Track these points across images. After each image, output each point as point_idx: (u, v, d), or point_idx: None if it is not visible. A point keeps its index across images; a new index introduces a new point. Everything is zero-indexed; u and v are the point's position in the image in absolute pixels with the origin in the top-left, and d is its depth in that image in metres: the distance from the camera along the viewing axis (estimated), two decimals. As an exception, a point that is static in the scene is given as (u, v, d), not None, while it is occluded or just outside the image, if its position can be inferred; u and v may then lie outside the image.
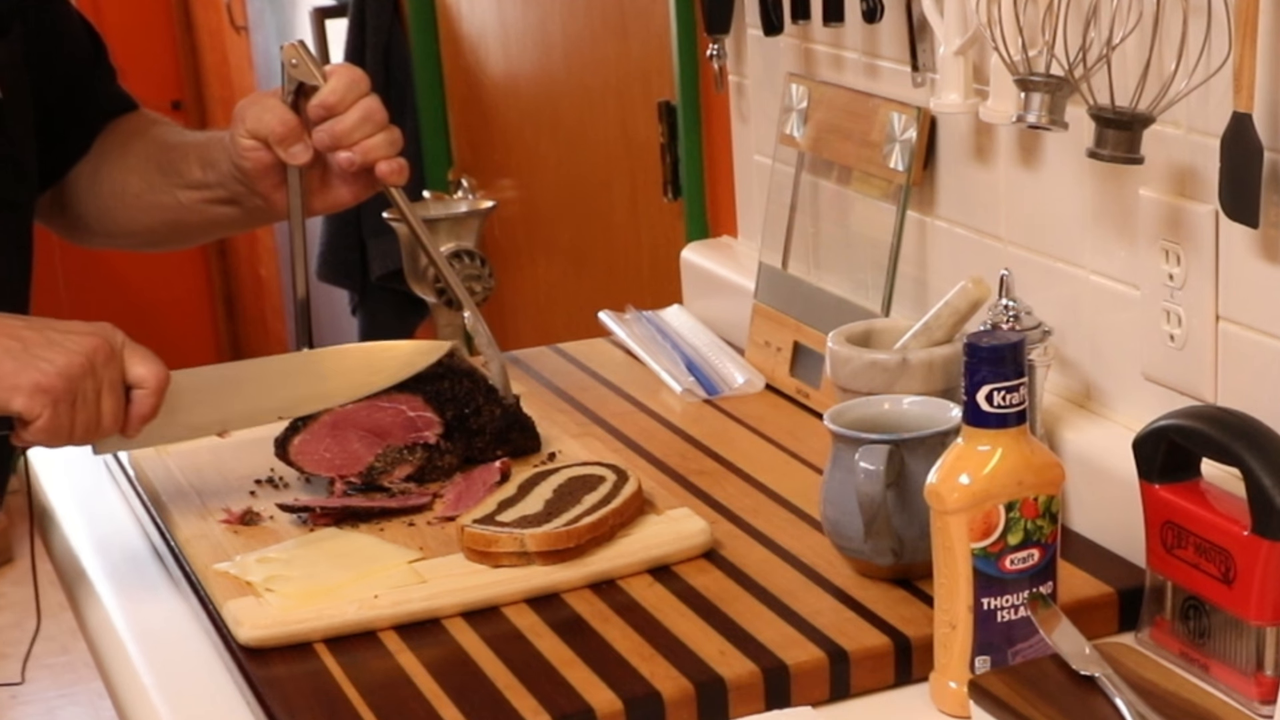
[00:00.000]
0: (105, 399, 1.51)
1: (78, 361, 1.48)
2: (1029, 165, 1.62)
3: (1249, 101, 1.29)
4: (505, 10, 2.94)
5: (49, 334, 1.50)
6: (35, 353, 1.48)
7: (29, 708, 3.93)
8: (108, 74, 1.87)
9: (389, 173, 1.68)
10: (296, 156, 1.68)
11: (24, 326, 1.50)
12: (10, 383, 1.47)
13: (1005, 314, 1.54)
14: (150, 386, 1.53)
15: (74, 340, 1.49)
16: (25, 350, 1.48)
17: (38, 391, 1.47)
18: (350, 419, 1.66)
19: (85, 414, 1.50)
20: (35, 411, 1.47)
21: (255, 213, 1.77)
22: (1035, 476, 1.29)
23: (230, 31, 4.60)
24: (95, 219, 1.83)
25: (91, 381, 1.49)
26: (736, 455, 1.75)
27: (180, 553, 1.60)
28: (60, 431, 1.49)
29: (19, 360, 1.47)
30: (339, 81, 1.67)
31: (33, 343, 1.49)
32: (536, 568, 1.48)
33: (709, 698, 1.33)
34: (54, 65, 1.78)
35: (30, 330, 1.50)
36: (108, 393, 1.51)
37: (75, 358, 1.48)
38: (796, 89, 1.93)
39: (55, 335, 1.50)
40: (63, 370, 1.48)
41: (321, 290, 3.51)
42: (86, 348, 1.49)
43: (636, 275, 2.56)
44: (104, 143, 1.82)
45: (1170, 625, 1.37)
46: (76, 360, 1.48)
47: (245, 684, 1.40)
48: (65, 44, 1.81)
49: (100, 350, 1.50)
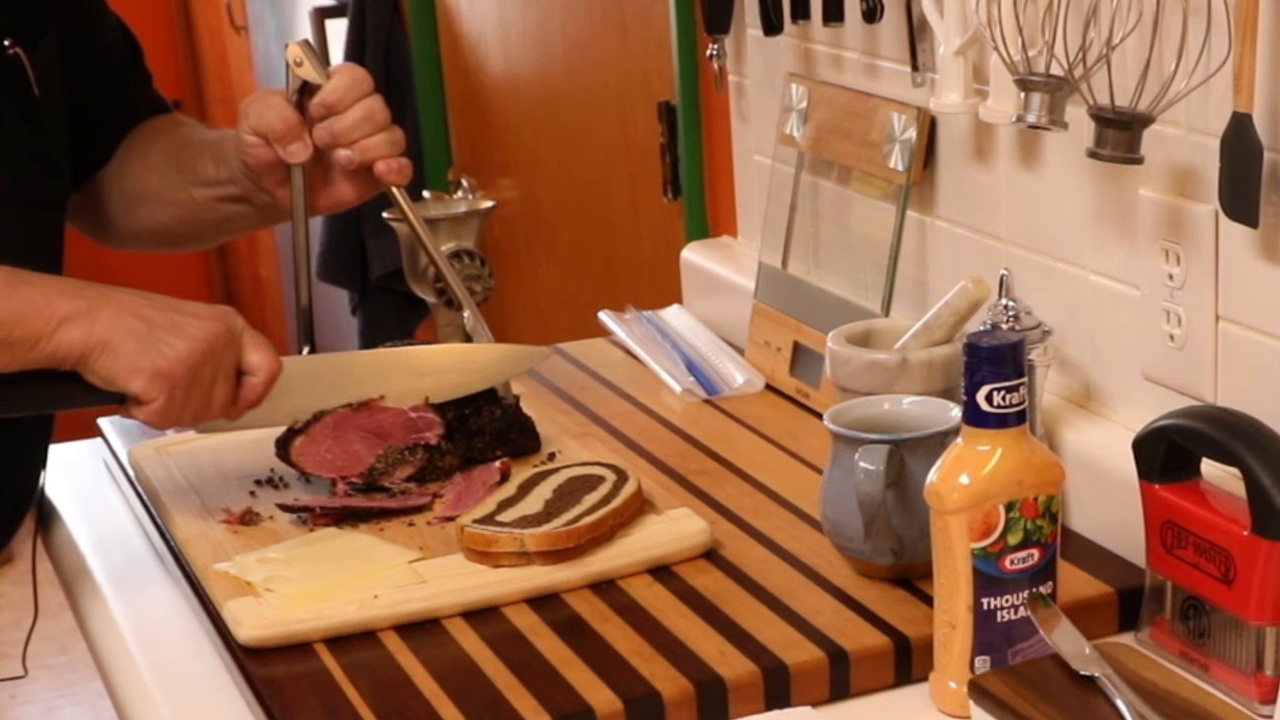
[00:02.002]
0: (219, 385, 1.53)
1: (199, 349, 1.50)
2: (1029, 165, 1.62)
3: (1249, 101, 1.29)
4: (505, 10, 2.94)
5: (173, 316, 1.52)
6: (159, 335, 1.50)
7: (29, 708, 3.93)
8: (143, 77, 1.88)
9: (388, 172, 1.69)
10: (295, 155, 1.68)
11: (149, 306, 1.52)
12: (132, 364, 1.49)
13: (1005, 314, 1.54)
14: (263, 375, 1.55)
15: (196, 326, 1.51)
16: (150, 332, 1.50)
17: (157, 376, 1.49)
18: (351, 420, 1.66)
19: (198, 398, 1.52)
20: (152, 395, 1.50)
21: (266, 210, 1.77)
22: (1035, 476, 1.29)
23: (230, 31, 4.60)
24: (119, 218, 1.84)
25: (209, 368, 1.52)
26: (736, 455, 1.75)
27: (180, 553, 1.60)
28: (171, 415, 1.52)
29: (142, 342, 1.49)
30: (341, 80, 1.68)
31: (157, 324, 1.50)
32: (536, 568, 1.48)
33: (709, 698, 1.33)
34: (89, 67, 1.79)
35: (155, 311, 1.51)
36: (222, 379, 1.53)
37: (197, 344, 1.51)
38: (796, 89, 1.93)
39: (179, 319, 1.52)
40: (184, 357, 1.50)
41: (321, 290, 3.51)
42: (209, 334, 1.51)
43: (636, 275, 2.56)
44: (130, 143, 1.83)
45: (1170, 625, 1.37)
46: (198, 347, 1.50)
47: (245, 684, 1.40)
48: (101, 46, 1.82)
49: (221, 337, 1.52)
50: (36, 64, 1.67)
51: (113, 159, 1.83)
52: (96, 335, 1.49)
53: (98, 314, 1.49)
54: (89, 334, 1.49)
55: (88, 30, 1.79)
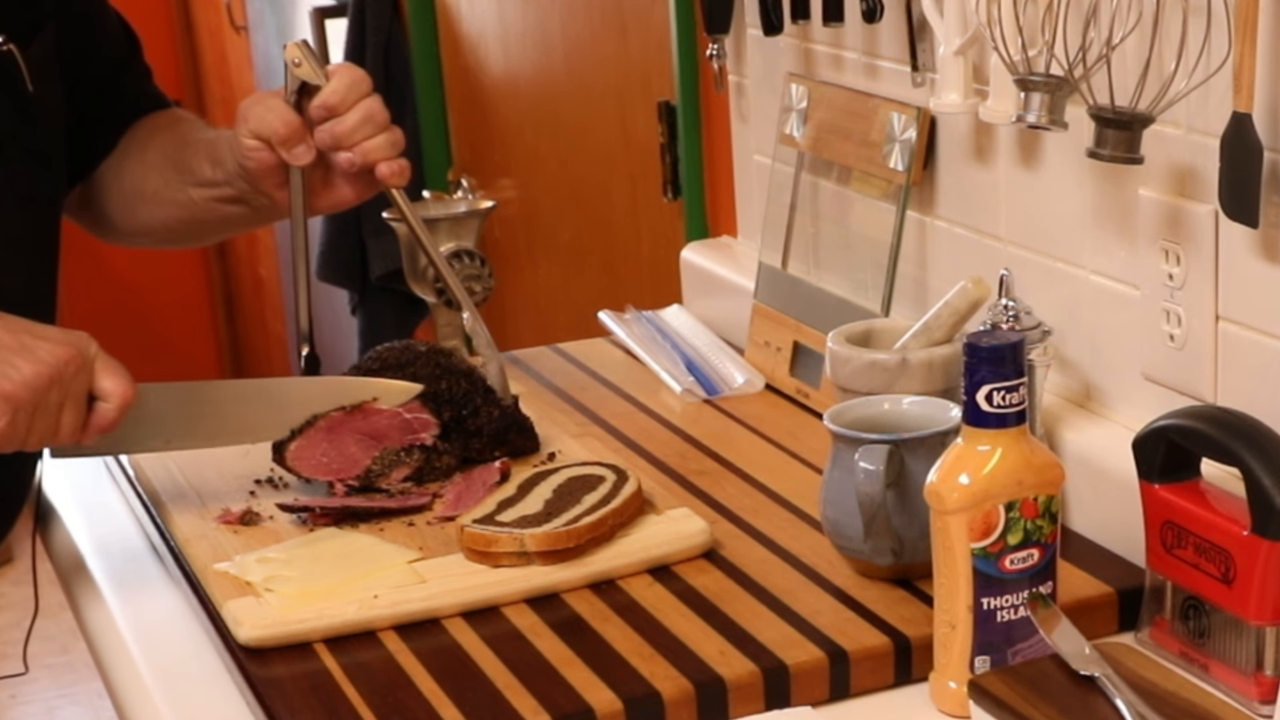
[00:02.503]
0: (67, 411, 1.50)
1: (45, 373, 1.48)
2: (1029, 165, 1.62)
3: (1249, 101, 1.29)
4: (505, 10, 2.94)
5: (23, 338, 1.49)
6: (5, 358, 1.47)
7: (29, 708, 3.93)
8: (142, 73, 1.88)
9: (389, 174, 1.68)
10: (299, 157, 1.68)
11: (1, 329, 1.49)
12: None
13: (1005, 314, 1.54)
14: (115, 401, 1.53)
15: (46, 350, 1.49)
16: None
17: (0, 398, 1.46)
18: (346, 423, 1.66)
19: (43, 424, 1.49)
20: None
21: (263, 211, 1.77)
22: (1035, 476, 1.29)
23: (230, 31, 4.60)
24: (118, 215, 1.84)
25: (56, 393, 1.49)
26: (736, 455, 1.75)
27: (180, 553, 1.60)
28: (14, 439, 1.49)
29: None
30: (340, 82, 1.67)
31: (4, 345, 1.48)
32: (536, 568, 1.48)
33: (709, 698, 1.33)
34: (88, 62, 1.78)
35: (5, 332, 1.49)
36: (70, 405, 1.50)
37: (44, 368, 1.48)
38: (796, 89, 1.93)
39: (29, 341, 1.49)
40: (29, 380, 1.47)
41: (321, 290, 3.51)
42: (58, 358, 1.49)
43: (636, 275, 2.56)
44: (129, 139, 1.83)
45: (1170, 625, 1.37)
46: (45, 371, 1.48)
47: (245, 684, 1.40)
48: (100, 42, 1.81)
49: (71, 362, 1.50)
50: (31, 60, 1.67)
51: (113, 156, 1.83)
52: None
53: None
54: None
55: (86, 24, 1.79)
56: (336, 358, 3.42)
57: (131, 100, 1.85)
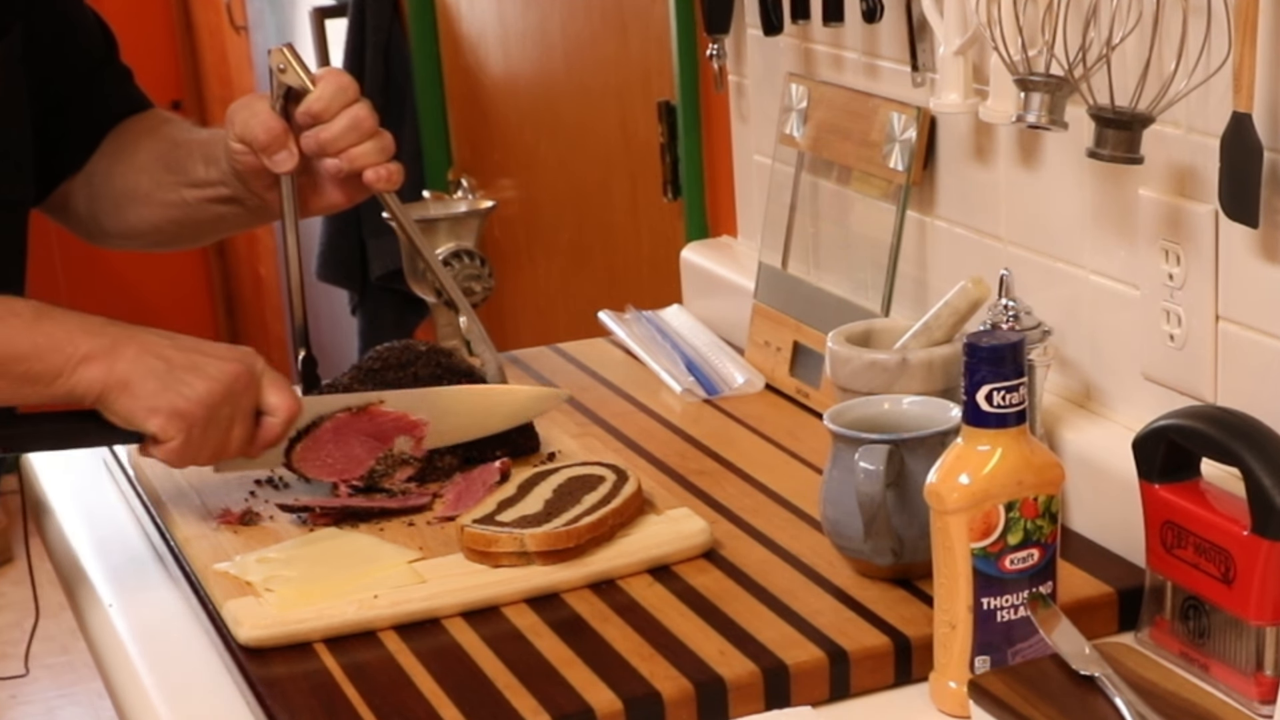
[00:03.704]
0: (237, 426, 1.54)
1: (219, 390, 1.51)
2: (1029, 165, 1.62)
3: (1249, 101, 1.29)
4: (505, 10, 2.94)
5: (194, 356, 1.52)
6: (178, 375, 1.51)
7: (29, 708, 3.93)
8: (120, 73, 1.87)
9: (377, 180, 1.67)
10: (281, 164, 1.67)
11: (171, 346, 1.52)
12: (150, 404, 1.50)
13: (1005, 314, 1.54)
14: (281, 416, 1.56)
15: (216, 366, 1.52)
16: (169, 371, 1.50)
17: (175, 416, 1.50)
18: (351, 424, 1.66)
19: (215, 439, 1.53)
20: (170, 435, 1.51)
21: (257, 211, 1.77)
22: (1035, 476, 1.29)
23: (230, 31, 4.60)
24: (108, 218, 1.83)
25: (227, 409, 1.52)
26: (736, 455, 1.75)
27: (180, 553, 1.60)
28: (188, 455, 1.53)
29: (162, 381, 1.50)
30: (326, 88, 1.65)
31: (177, 364, 1.51)
32: (536, 568, 1.48)
33: (709, 698, 1.33)
34: (63, 63, 1.77)
35: (176, 351, 1.52)
36: (240, 420, 1.54)
37: (216, 385, 1.51)
38: (796, 89, 1.93)
39: (199, 359, 1.52)
40: (203, 398, 1.50)
41: (321, 290, 3.51)
42: (228, 375, 1.52)
43: (636, 275, 2.56)
44: (116, 142, 1.82)
45: (1170, 625, 1.37)
46: (218, 388, 1.51)
47: (245, 684, 1.40)
48: (74, 42, 1.80)
49: (241, 378, 1.53)
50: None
51: (100, 158, 1.82)
52: (117, 374, 1.50)
53: (119, 353, 1.50)
54: (109, 372, 1.49)
55: (59, 25, 1.77)
56: (336, 358, 3.42)
57: (111, 101, 1.84)
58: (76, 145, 1.81)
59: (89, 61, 1.82)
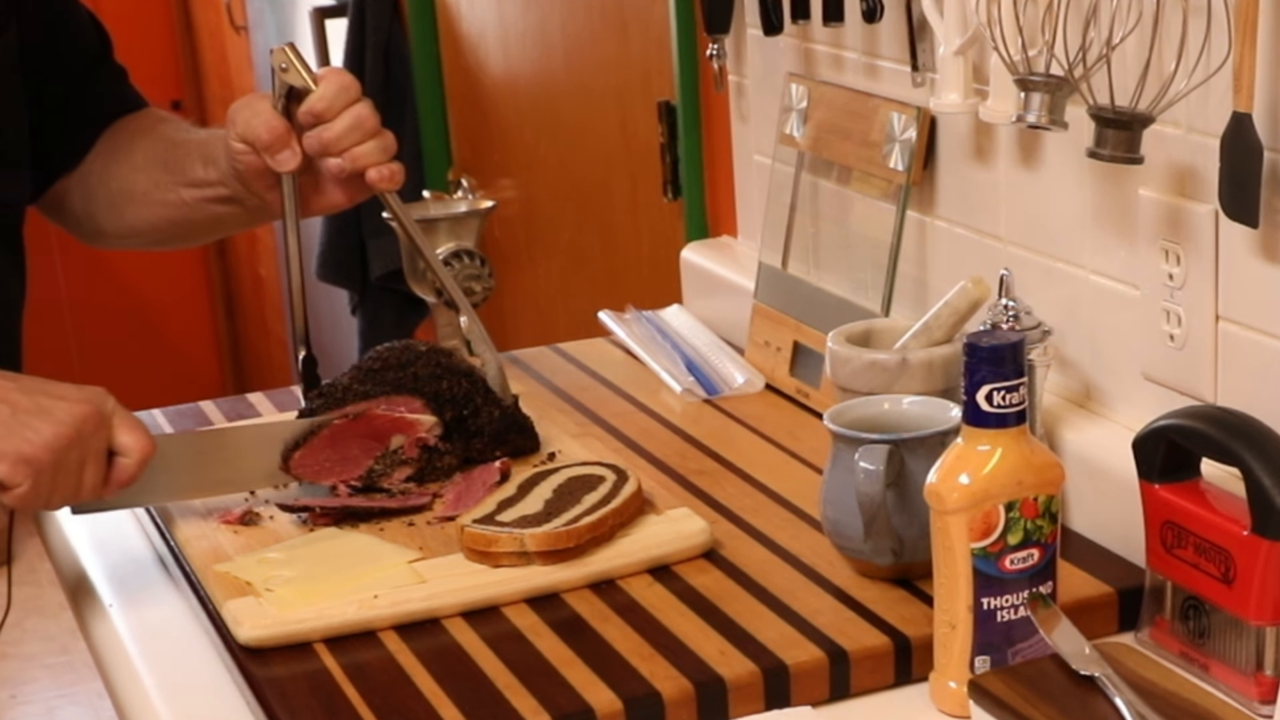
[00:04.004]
0: (88, 468, 1.50)
1: (65, 433, 1.47)
2: (1029, 165, 1.62)
3: (1249, 101, 1.29)
4: (505, 10, 2.94)
5: (40, 400, 1.48)
6: (24, 420, 1.47)
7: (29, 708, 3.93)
8: (115, 73, 1.87)
9: (379, 179, 1.67)
10: (284, 164, 1.66)
11: (15, 389, 1.49)
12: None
13: (1005, 314, 1.54)
14: (135, 456, 1.52)
15: (64, 409, 1.48)
16: (14, 416, 1.47)
17: (21, 462, 1.46)
18: (349, 430, 1.66)
19: (66, 483, 1.49)
20: (16, 481, 1.47)
21: (256, 211, 1.77)
22: (1035, 476, 1.29)
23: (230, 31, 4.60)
24: (105, 218, 1.83)
25: (77, 452, 1.48)
26: (736, 455, 1.75)
27: (180, 553, 1.60)
28: (37, 500, 1.49)
29: (6, 427, 1.46)
30: (328, 88, 1.65)
31: (22, 408, 1.47)
32: (536, 568, 1.48)
33: (709, 698, 1.33)
34: (58, 62, 1.77)
35: (21, 394, 1.48)
36: (91, 462, 1.50)
37: (63, 429, 1.47)
38: (796, 89, 1.93)
39: (46, 401, 1.48)
40: (50, 442, 1.47)
41: (321, 290, 3.51)
42: (76, 417, 1.48)
43: (636, 275, 2.56)
44: (112, 141, 1.82)
45: (1170, 625, 1.37)
46: (65, 431, 1.47)
47: (245, 684, 1.40)
48: (69, 41, 1.80)
49: (90, 420, 1.49)
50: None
51: (95, 158, 1.81)
52: None
53: None
54: None
55: (53, 24, 1.77)
56: (336, 358, 3.42)
57: (105, 100, 1.84)
58: (71, 144, 1.81)
59: (84, 60, 1.82)
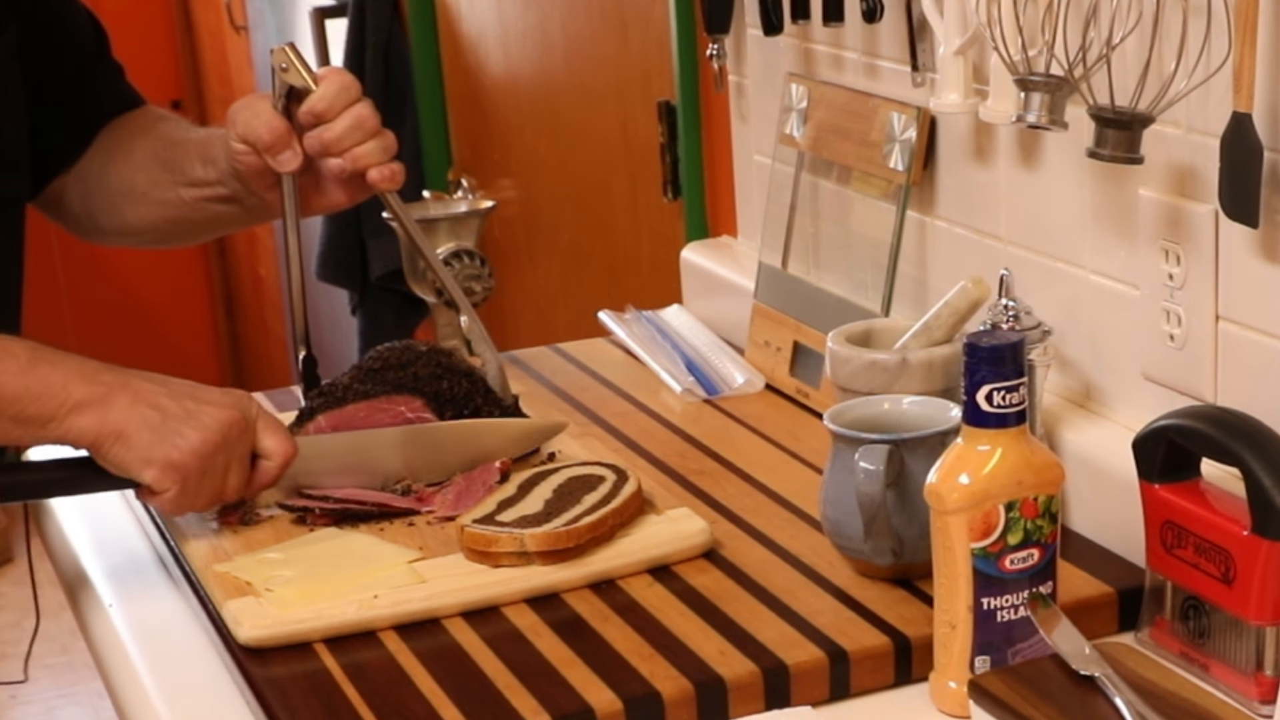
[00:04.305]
0: (232, 472, 1.53)
1: (213, 439, 1.50)
2: (1029, 165, 1.62)
3: (1249, 101, 1.29)
4: (505, 10, 2.94)
5: (188, 405, 1.50)
6: (173, 426, 1.49)
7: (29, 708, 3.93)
8: (112, 70, 1.87)
9: (380, 179, 1.67)
10: (285, 164, 1.66)
11: (165, 395, 1.51)
12: (144, 455, 1.48)
13: (1005, 314, 1.54)
14: (278, 460, 1.55)
15: (210, 414, 1.50)
16: (164, 422, 1.49)
17: (170, 467, 1.49)
18: (349, 421, 1.66)
19: (211, 486, 1.52)
20: (165, 486, 1.50)
21: (255, 211, 1.77)
22: (1035, 476, 1.29)
23: (230, 31, 4.60)
24: (103, 216, 1.83)
25: (223, 457, 1.51)
26: (736, 455, 1.75)
27: (180, 553, 1.60)
28: (184, 504, 1.52)
29: (156, 433, 1.49)
30: (329, 88, 1.65)
31: (171, 414, 1.49)
32: (536, 568, 1.48)
33: (709, 698, 1.33)
34: (55, 59, 1.77)
35: (171, 400, 1.50)
36: (236, 466, 1.53)
37: (210, 435, 1.50)
38: (796, 89, 1.93)
39: (194, 406, 1.51)
40: (197, 448, 1.49)
41: (321, 290, 3.51)
42: (223, 423, 1.51)
43: (636, 275, 2.56)
44: (110, 139, 1.82)
45: (1170, 625, 1.37)
46: (212, 437, 1.50)
47: (245, 684, 1.40)
48: (66, 40, 1.80)
49: (235, 425, 1.51)
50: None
51: (94, 155, 1.82)
52: (110, 424, 1.48)
53: (113, 402, 1.49)
54: (103, 422, 1.48)
55: (51, 22, 1.77)
56: (337, 357, 3.42)
57: (103, 97, 1.84)
58: (69, 141, 1.81)
59: (81, 57, 1.82)
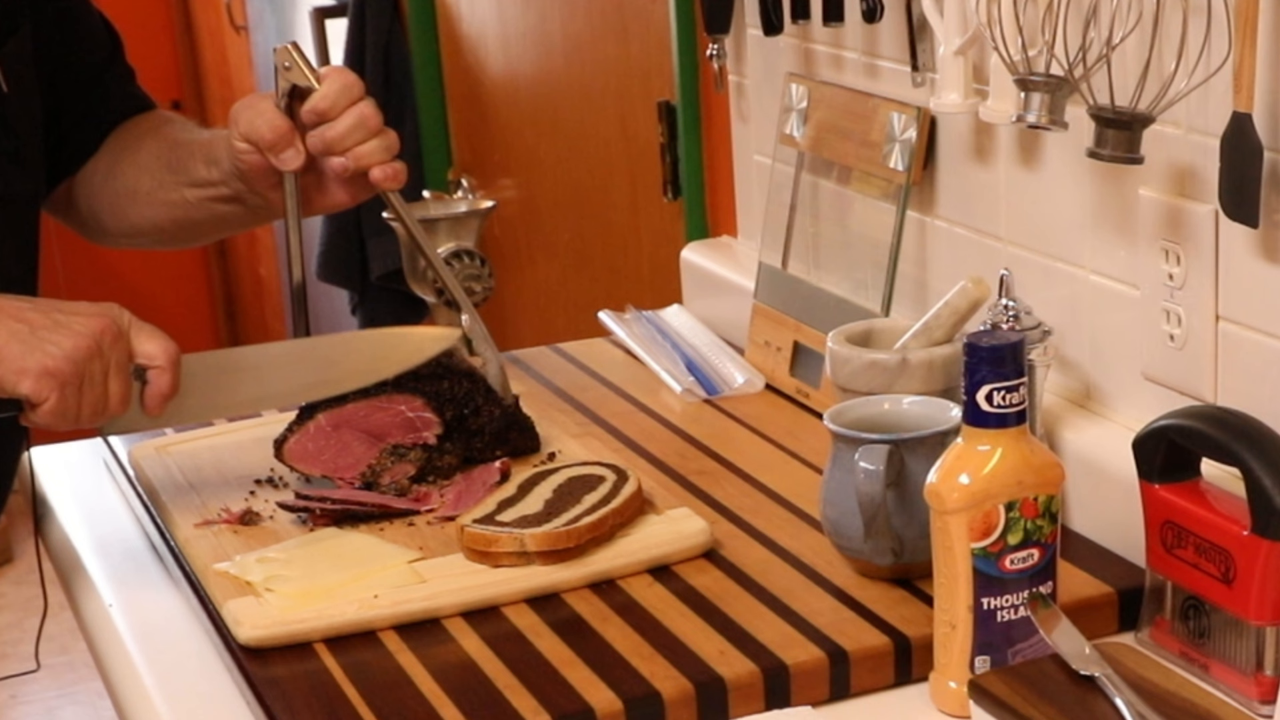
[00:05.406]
0: (112, 380, 1.52)
1: (84, 344, 1.49)
2: (1029, 165, 1.62)
3: (1249, 101, 1.29)
4: (505, 10, 2.94)
5: (55, 316, 1.50)
6: (42, 335, 1.49)
7: (29, 708, 3.93)
8: (124, 73, 1.88)
9: (383, 178, 1.67)
10: (288, 162, 1.67)
11: (30, 309, 1.51)
12: (17, 366, 1.48)
13: (1005, 314, 1.54)
14: (162, 362, 1.54)
15: (80, 322, 1.50)
16: (32, 334, 1.49)
17: (44, 375, 1.48)
18: (349, 420, 1.66)
19: (92, 395, 1.51)
20: (43, 395, 1.48)
21: (259, 211, 1.77)
22: (1035, 476, 1.29)
23: (230, 31, 4.60)
24: (109, 217, 1.84)
25: (99, 363, 1.50)
26: (736, 455, 1.75)
27: (180, 552, 1.60)
28: (68, 414, 1.50)
29: (26, 344, 1.48)
30: (332, 86, 1.66)
31: (39, 325, 1.49)
32: (536, 568, 1.48)
33: (709, 698, 1.33)
34: (68, 62, 1.78)
35: (36, 313, 1.50)
36: (115, 374, 1.52)
37: (82, 340, 1.49)
38: (796, 89, 1.93)
39: (61, 317, 1.50)
40: (69, 353, 1.49)
41: (321, 290, 3.51)
42: (93, 329, 1.50)
43: (636, 275, 2.56)
44: (118, 141, 1.83)
45: (1170, 625, 1.37)
46: (83, 343, 1.49)
47: (245, 684, 1.40)
48: (80, 41, 1.81)
49: (107, 331, 1.51)
50: (6, 60, 1.67)
51: (102, 157, 1.82)
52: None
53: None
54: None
55: (65, 24, 1.78)
56: (336, 358, 3.41)
57: (114, 101, 1.85)
58: (80, 144, 1.82)
59: (94, 61, 1.83)
